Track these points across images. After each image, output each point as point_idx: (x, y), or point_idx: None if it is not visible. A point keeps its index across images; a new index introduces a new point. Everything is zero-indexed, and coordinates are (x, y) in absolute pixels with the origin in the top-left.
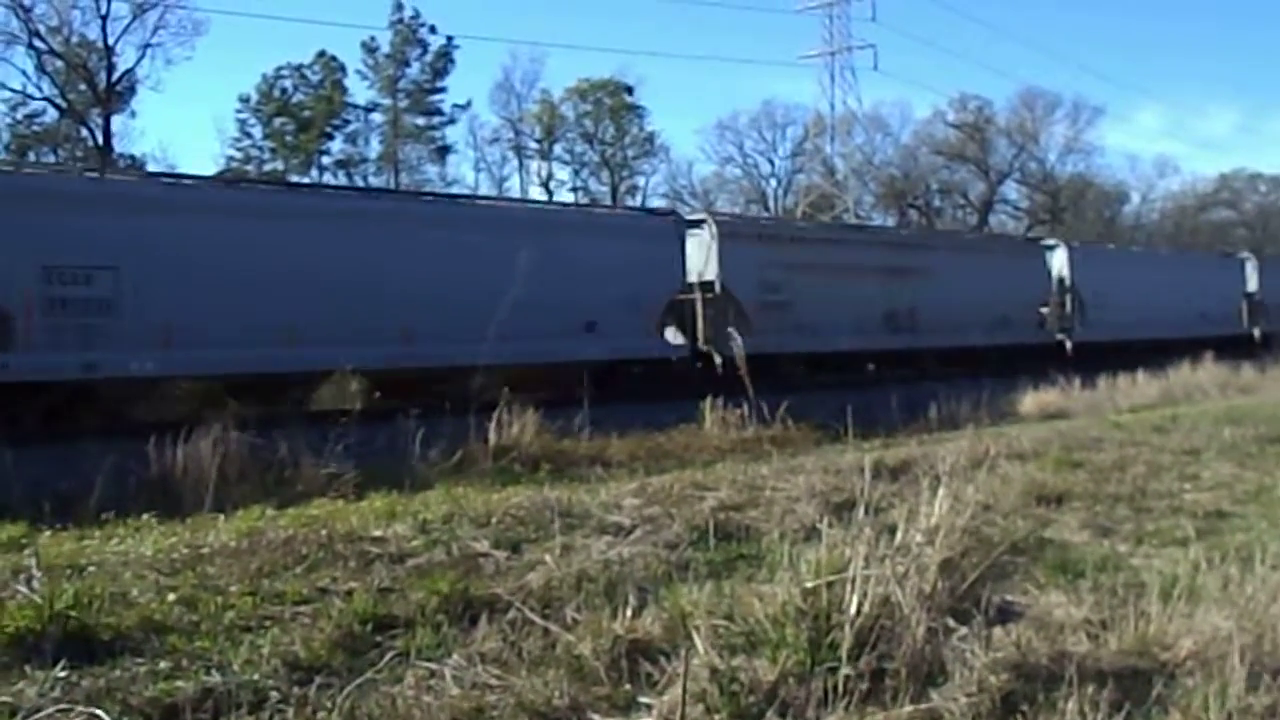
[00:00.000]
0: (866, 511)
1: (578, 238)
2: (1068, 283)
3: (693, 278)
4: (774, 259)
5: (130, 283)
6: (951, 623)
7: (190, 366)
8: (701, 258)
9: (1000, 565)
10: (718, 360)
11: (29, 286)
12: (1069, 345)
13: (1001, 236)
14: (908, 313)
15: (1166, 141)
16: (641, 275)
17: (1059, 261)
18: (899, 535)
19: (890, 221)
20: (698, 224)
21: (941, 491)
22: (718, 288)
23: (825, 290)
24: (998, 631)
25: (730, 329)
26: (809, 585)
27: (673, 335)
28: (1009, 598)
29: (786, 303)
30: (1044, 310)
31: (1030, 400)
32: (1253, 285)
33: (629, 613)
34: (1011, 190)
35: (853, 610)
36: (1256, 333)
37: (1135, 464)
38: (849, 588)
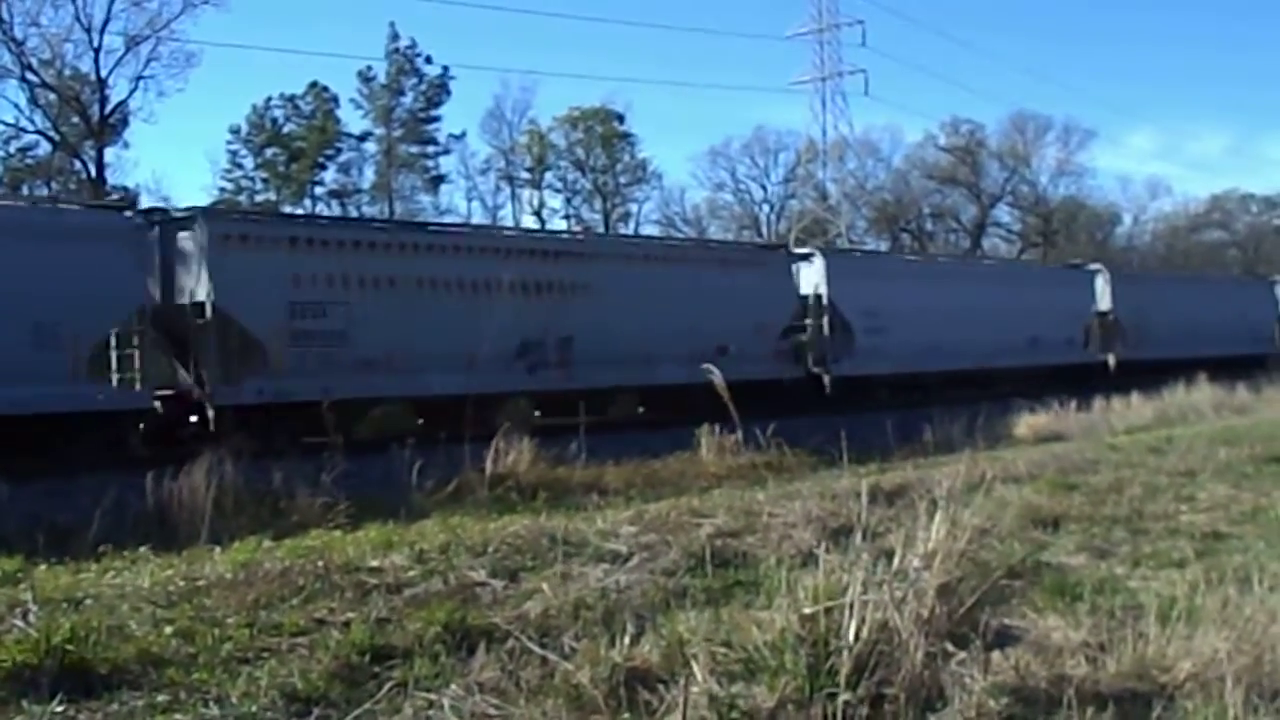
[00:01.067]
0: (864, 537)
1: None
2: (825, 301)
3: None
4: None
5: None
6: (950, 647)
7: None
8: None
9: (998, 589)
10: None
11: None
12: (827, 381)
13: (721, 243)
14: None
15: (1158, 163)
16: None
17: (811, 274)
18: (896, 560)
19: (883, 246)
20: None
21: (939, 516)
22: None
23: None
24: (996, 655)
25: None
26: (807, 611)
27: None
28: (1007, 621)
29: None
30: (802, 338)
31: (1025, 423)
32: (1105, 303)
33: (627, 640)
34: (1004, 213)
35: (851, 636)
36: (1110, 360)
37: (1131, 486)
38: (847, 613)
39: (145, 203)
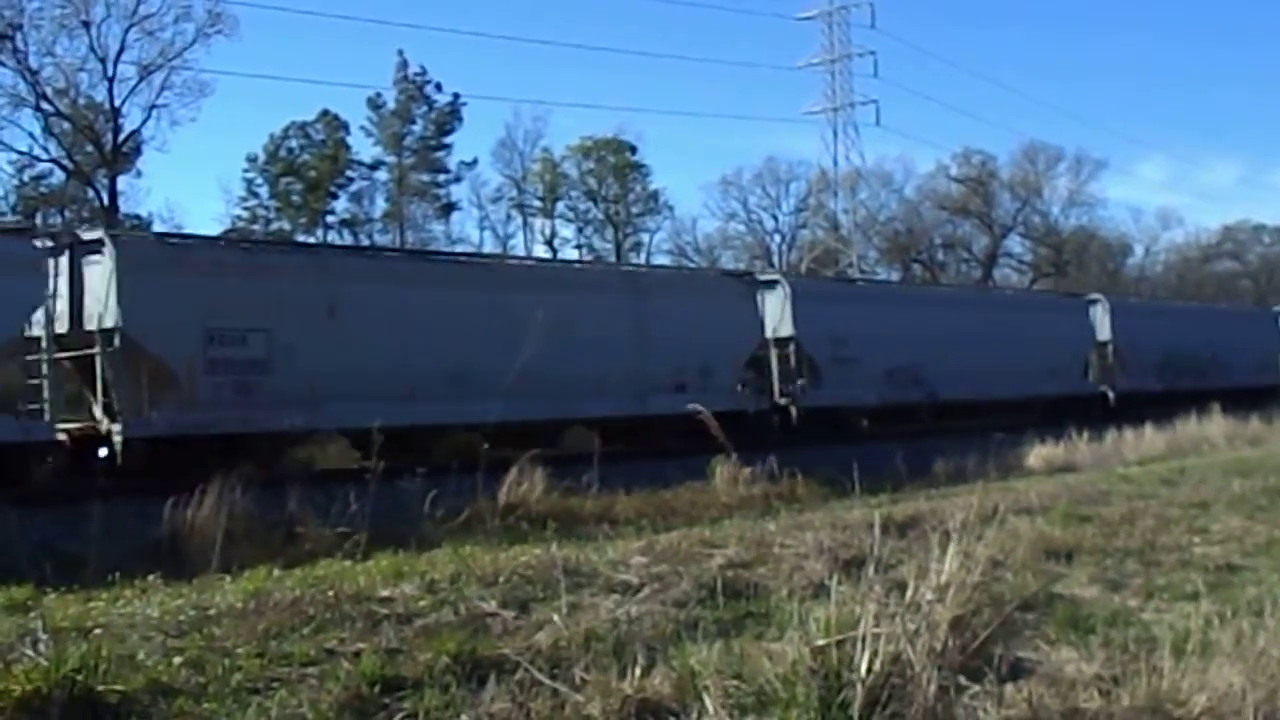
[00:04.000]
0: (876, 568)
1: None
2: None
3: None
4: None
5: None
6: (963, 680)
7: None
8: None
9: (1011, 621)
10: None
11: None
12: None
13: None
14: None
15: (1169, 194)
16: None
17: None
18: (909, 592)
19: (895, 276)
20: None
21: (952, 548)
22: None
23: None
24: (1009, 688)
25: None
26: (819, 643)
27: None
28: (1020, 654)
29: None
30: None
31: (1037, 454)
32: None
33: (638, 672)
34: (1016, 244)
35: (864, 668)
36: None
37: (1144, 517)
38: (859, 646)
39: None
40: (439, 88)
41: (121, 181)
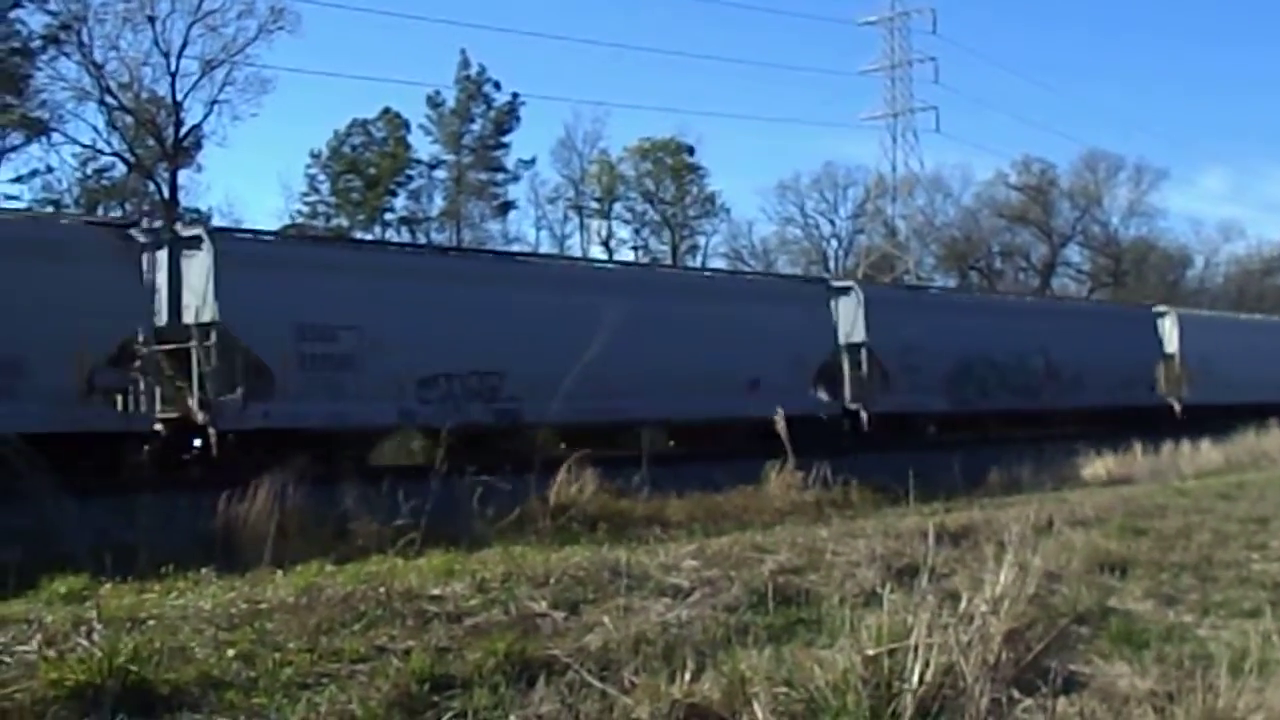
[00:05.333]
0: (929, 578)
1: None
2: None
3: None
4: None
5: None
6: (1016, 693)
7: None
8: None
9: (1064, 634)
10: None
11: None
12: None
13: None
14: None
15: (1231, 205)
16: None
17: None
18: (963, 603)
19: (952, 283)
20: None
21: (1006, 559)
22: None
23: None
24: (1062, 703)
25: None
26: (870, 652)
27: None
28: (1073, 668)
29: None
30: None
31: (1093, 466)
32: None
33: (687, 676)
34: (1074, 253)
35: (915, 679)
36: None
37: (1201, 531)
38: (911, 655)
39: (217, 221)
40: (498, 87)
41: (182, 176)
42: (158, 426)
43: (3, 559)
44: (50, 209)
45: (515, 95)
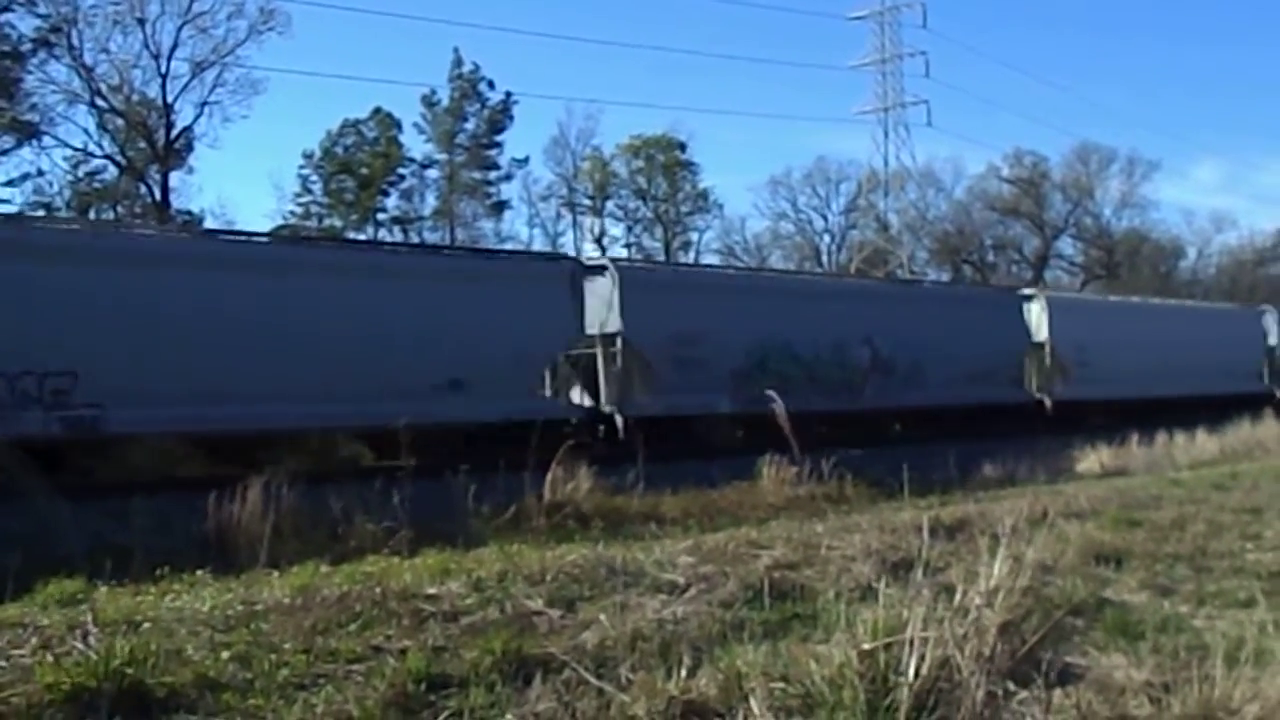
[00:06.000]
0: (924, 572)
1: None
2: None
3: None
4: None
5: None
6: (1011, 686)
7: None
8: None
9: (1060, 626)
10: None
11: None
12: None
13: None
14: None
15: (1223, 196)
16: None
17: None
18: (958, 596)
19: (945, 277)
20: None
21: (1001, 552)
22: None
23: None
24: (1058, 694)
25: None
26: (866, 646)
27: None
28: (1069, 660)
29: None
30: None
31: (1088, 458)
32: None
33: (684, 673)
34: (1067, 245)
35: (911, 672)
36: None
37: (1195, 522)
38: (907, 649)
39: (209, 224)
40: (492, 85)
41: (174, 178)
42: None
43: (0, 562)
44: (41, 212)
45: (509, 94)
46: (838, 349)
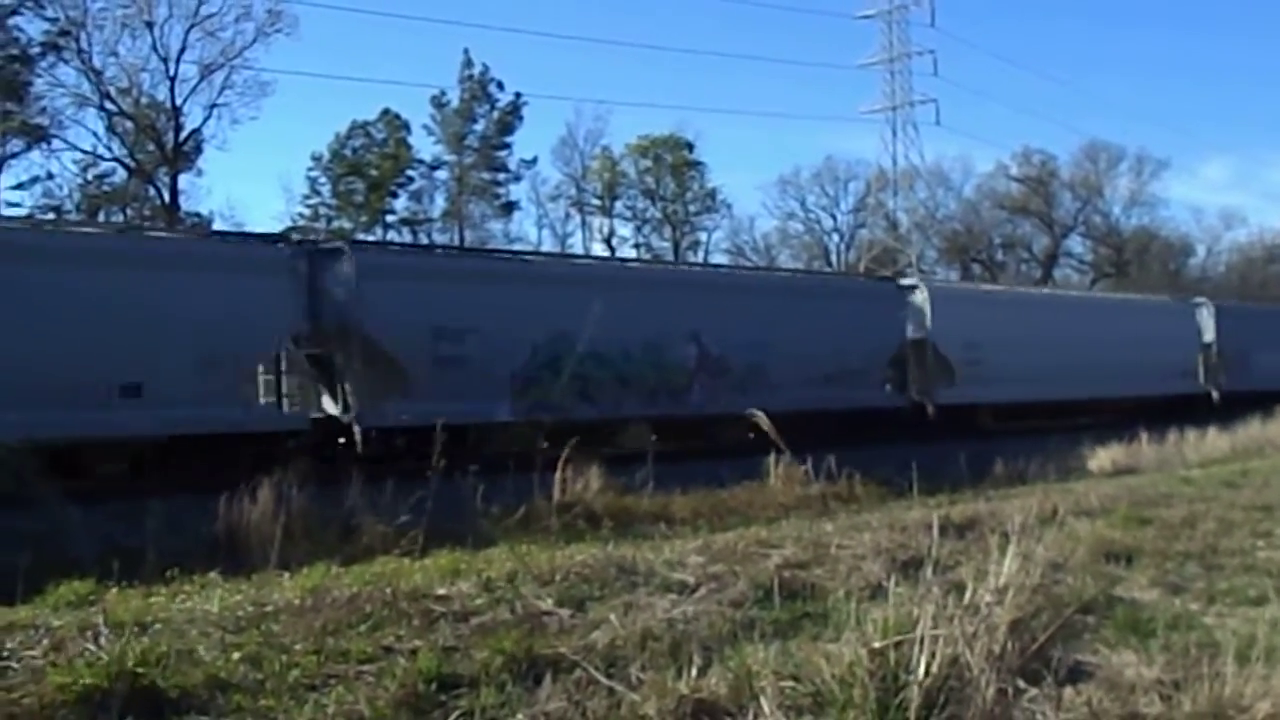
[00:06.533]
0: (934, 570)
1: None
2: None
3: None
4: None
5: None
6: (1022, 683)
7: None
8: None
9: (1070, 624)
10: None
11: None
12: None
13: None
14: None
15: (1233, 194)
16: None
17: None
18: (968, 594)
19: (954, 276)
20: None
21: (1010, 550)
22: None
23: None
24: (1068, 692)
25: None
26: (876, 645)
27: None
28: (1079, 657)
29: None
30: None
31: (1098, 456)
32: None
33: (694, 672)
34: (1076, 243)
35: (921, 671)
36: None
37: (1205, 520)
38: (917, 648)
39: (218, 225)
40: (501, 86)
41: (182, 180)
42: None
43: (11, 564)
44: (51, 215)
45: (518, 95)
46: (653, 347)
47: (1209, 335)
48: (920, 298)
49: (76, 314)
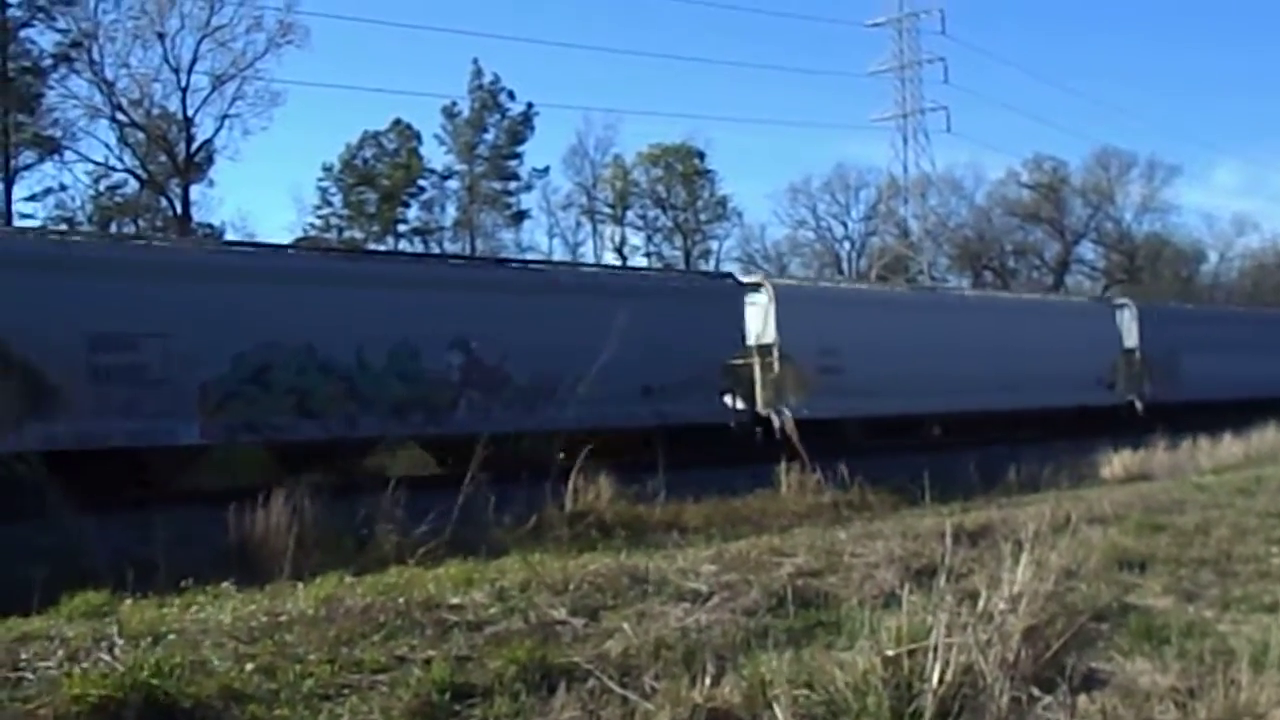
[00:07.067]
0: (947, 578)
1: None
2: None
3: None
4: None
5: None
6: (1036, 691)
7: None
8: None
9: (1083, 631)
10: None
11: None
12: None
13: None
14: None
15: (1245, 199)
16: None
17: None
18: (981, 602)
19: (966, 284)
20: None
21: (1024, 558)
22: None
23: None
24: (1083, 700)
25: None
26: (890, 653)
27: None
28: (1093, 665)
29: None
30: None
31: (1111, 462)
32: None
33: (708, 681)
34: (1088, 250)
35: (935, 679)
36: None
37: (1219, 527)
38: (931, 655)
39: (230, 236)
40: (512, 96)
41: (194, 191)
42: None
43: (26, 576)
44: (64, 227)
45: (530, 104)
46: (401, 356)
47: (1131, 340)
48: (766, 298)
49: None
